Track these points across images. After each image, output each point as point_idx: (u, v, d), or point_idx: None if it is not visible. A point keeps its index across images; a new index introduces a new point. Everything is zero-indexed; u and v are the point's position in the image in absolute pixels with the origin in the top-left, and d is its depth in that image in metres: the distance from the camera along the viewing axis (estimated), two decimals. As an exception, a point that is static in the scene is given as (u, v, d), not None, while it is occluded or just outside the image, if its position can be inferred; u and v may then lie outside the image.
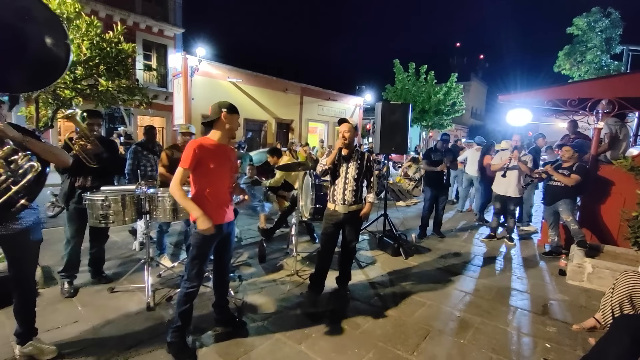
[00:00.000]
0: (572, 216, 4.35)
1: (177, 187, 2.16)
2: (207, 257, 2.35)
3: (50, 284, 3.23)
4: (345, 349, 2.44)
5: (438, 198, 5.43)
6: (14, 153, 1.88)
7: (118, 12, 13.90)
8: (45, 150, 2.03)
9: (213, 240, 2.33)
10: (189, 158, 2.16)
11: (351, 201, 3.06)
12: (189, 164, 2.16)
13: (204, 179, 2.25)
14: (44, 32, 1.95)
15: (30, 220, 2.10)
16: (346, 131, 3.03)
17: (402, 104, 5.01)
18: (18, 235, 2.03)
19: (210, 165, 2.23)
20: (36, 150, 1.97)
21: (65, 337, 2.44)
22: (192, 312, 2.36)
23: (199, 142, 2.22)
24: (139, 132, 14.45)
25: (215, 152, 2.28)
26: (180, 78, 12.81)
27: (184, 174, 2.18)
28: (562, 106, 5.17)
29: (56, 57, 1.98)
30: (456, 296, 3.38)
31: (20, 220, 2.02)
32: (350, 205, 3.06)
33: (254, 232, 5.34)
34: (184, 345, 2.31)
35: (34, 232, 2.12)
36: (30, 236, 2.10)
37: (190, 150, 2.17)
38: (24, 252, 2.12)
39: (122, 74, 6.64)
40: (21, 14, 1.87)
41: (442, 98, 17.47)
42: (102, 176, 3.21)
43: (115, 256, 4.11)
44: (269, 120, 16.25)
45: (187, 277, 2.29)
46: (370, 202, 3.13)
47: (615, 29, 14.48)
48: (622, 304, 2.55)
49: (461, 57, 44.77)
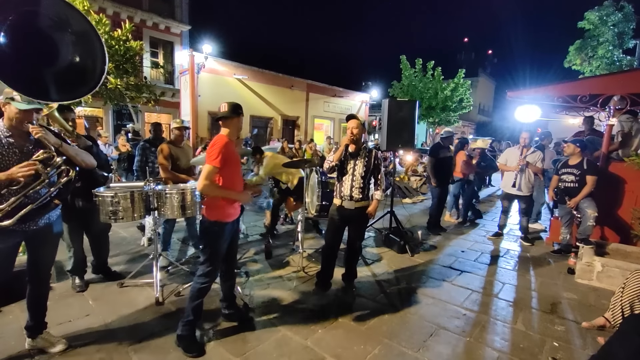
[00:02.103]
0: (596, 212, 4.21)
1: (210, 182, 2.19)
2: (222, 254, 2.41)
3: (62, 279, 3.30)
4: (351, 344, 2.46)
5: (445, 195, 5.42)
6: (52, 157, 2.02)
7: (125, 9, 13.98)
8: (76, 155, 2.20)
9: (228, 236, 2.40)
10: (218, 156, 2.19)
11: (358, 198, 3.04)
12: (219, 162, 2.19)
13: (227, 176, 2.31)
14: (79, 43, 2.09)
15: (55, 215, 2.22)
16: (354, 127, 2.99)
17: (409, 101, 4.98)
18: (44, 229, 2.13)
19: (231, 163, 2.31)
20: (69, 155, 2.13)
21: (77, 330, 2.50)
22: (202, 307, 2.40)
23: (225, 140, 2.26)
24: (146, 129, 14.59)
25: (233, 149, 2.36)
26: (187, 75, 12.87)
27: (214, 171, 2.20)
28: (572, 102, 5.09)
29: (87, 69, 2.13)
30: (462, 294, 3.37)
31: (47, 216, 2.12)
32: (357, 202, 3.05)
33: (260, 228, 5.37)
34: (194, 338, 2.35)
35: (56, 225, 2.24)
36: (54, 230, 2.21)
37: (219, 149, 2.20)
38: (47, 246, 2.22)
39: (130, 71, 6.71)
40: (59, 24, 2.00)
41: (450, 94, 17.29)
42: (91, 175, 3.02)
43: (124, 252, 4.18)
44: (275, 117, 16.27)
45: (202, 272, 2.34)
46: (377, 199, 3.11)
47: (628, 23, 14.16)
48: (632, 304, 2.52)
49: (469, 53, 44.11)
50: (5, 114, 1.95)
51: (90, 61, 2.16)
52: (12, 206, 1.89)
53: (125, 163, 7.48)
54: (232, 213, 2.37)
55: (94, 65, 2.18)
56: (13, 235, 2.01)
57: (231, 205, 2.37)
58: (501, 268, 4.15)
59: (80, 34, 2.11)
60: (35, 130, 1.95)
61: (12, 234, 1.98)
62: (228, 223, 2.37)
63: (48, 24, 1.98)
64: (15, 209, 1.90)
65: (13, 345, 2.29)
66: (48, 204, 2.08)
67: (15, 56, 1.87)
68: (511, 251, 4.80)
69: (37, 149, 2.00)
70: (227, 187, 2.31)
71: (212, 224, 2.30)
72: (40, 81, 1.99)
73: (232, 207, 2.38)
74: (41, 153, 1.98)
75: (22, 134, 1.99)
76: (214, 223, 2.31)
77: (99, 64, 2.19)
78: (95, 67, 2.19)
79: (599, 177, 4.27)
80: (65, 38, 2.05)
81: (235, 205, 2.43)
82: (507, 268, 4.15)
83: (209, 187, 2.20)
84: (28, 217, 1.97)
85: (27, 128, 1.96)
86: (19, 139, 1.98)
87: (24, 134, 1.99)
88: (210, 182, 2.19)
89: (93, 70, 2.18)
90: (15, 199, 1.90)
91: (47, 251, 2.24)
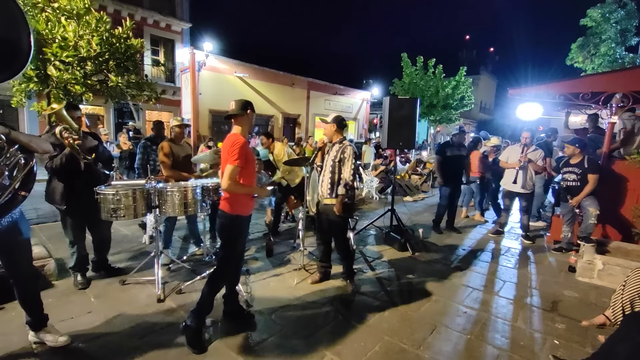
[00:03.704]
0: (598, 210, 4.21)
1: (235, 182, 2.29)
2: (242, 247, 2.52)
3: (64, 277, 3.31)
4: (351, 342, 2.46)
5: (454, 194, 5.41)
6: (2, 147, 1.88)
7: (126, 7, 13.97)
8: (29, 142, 2.03)
9: (246, 231, 2.51)
10: (239, 155, 2.26)
11: (326, 195, 3.17)
12: (240, 161, 2.27)
13: (247, 174, 2.40)
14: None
15: (18, 212, 2.09)
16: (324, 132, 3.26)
17: (410, 98, 4.97)
18: (11, 228, 2.03)
19: (250, 161, 2.41)
20: (21, 142, 1.97)
21: (80, 327, 2.51)
22: (213, 301, 2.45)
23: (242, 140, 2.34)
24: (147, 127, 14.60)
25: (248, 147, 2.42)
26: (188, 73, 12.85)
27: (237, 171, 2.28)
28: (574, 100, 5.07)
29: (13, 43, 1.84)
30: (463, 291, 3.37)
31: (10, 214, 2.01)
32: (326, 199, 3.17)
33: (261, 226, 5.38)
34: (199, 333, 2.38)
35: (22, 222, 2.13)
36: (20, 227, 2.11)
37: (239, 147, 2.27)
38: (18, 244, 2.12)
39: (131, 69, 6.70)
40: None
41: (451, 92, 17.21)
42: (95, 172, 3.11)
43: (125, 249, 4.19)
44: (276, 115, 16.25)
45: (223, 269, 2.42)
46: (339, 193, 3.10)
47: (630, 20, 14.04)
48: (633, 302, 2.51)
49: (470, 50, 43.90)
50: None
51: (15, 33, 1.86)
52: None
53: (126, 161, 7.50)
54: (251, 206, 2.54)
55: (17, 36, 1.88)
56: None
57: (251, 199, 2.51)
58: (502, 266, 4.15)
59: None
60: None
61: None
62: (248, 216, 2.51)
63: None
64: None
65: (16, 342, 2.30)
66: (14, 198, 1.95)
67: None
68: (512, 249, 4.80)
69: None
70: (247, 184, 2.42)
71: (235, 217, 2.40)
72: None
73: (251, 202, 2.52)
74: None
75: None
76: (237, 217, 2.41)
77: (24, 34, 1.89)
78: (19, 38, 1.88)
79: (600, 175, 4.26)
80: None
81: (251, 203, 2.52)
82: (508, 266, 4.16)
83: (233, 185, 2.29)
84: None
85: None
86: None
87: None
88: (233, 181, 2.29)
89: (18, 42, 1.87)
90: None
91: (19, 250, 2.14)
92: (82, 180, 2.97)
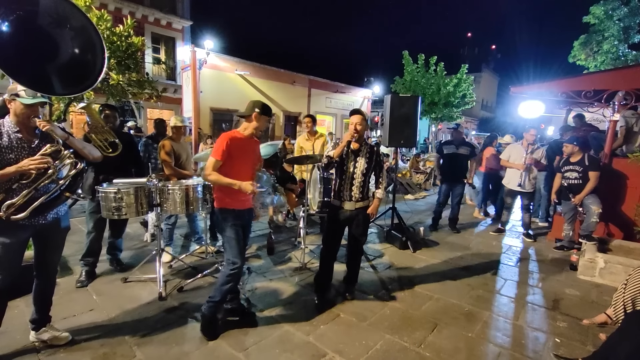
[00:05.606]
0: (600, 208, 4.19)
1: (211, 172, 2.38)
2: (241, 237, 2.52)
3: (66, 274, 3.33)
4: (352, 340, 2.47)
5: (452, 192, 5.40)
6: (59, 150, 2.07)
7: (127, 5, 13.93)
8: (83, 148, 2.24)
9: (235, 222, 2.49)
10: (221, 150, 2.36)
11: (358, 198, 2.89)
12: (221, 155, 2.37)
13: (231, 169, 2.43)
14: (78, 39, 2.19)
15: (64, 210, 2.25)
16: (358, 123, 2.81)
17: (412, 96, 4.96)
18: (53, 223, 2.17)
19: (237, 157, 2.45)
20: (76, 147, 2.17)
21: (82, 324, 2.52)
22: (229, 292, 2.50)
23: (230, 135, 2.43)
24: (148, 125, 14.60)
25: (242, 145, 2.49)
26: (189, 71, 12.83)
27: (216, 164, 2.38)
28: (576, 98, 5.05)
29: (88, 63, 2.24)
30: (464, 290, 3.37)
31: (55, 210, 2.16)
32: (357, 202, 2.90)
33: (262, 224, 5.39)
34: (213, 321, 2.47)
35: (64, 219, 2.28)
36: (61, 224, 2.25)
37: (223, 143, 2.37)
38: (55, 240, 2.26)
39: (132, 67, 6.67)
40: (58, 20, 2.11)
41: (452, 90, 17.14)
42: (122, 168, 3.28)
43: (127, 247, 4.19)
44: (277, 112, 16.21)
45: (230, 260, 2.45)
46: (378, 197, 2.98)
47: (634, 17, 13.92)
48: (634, 300, 2.51)
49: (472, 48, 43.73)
50: (12, 110, 2.00)
51: (90, 55, 2.26)
52: (25, 199, 1.93)
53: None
54: (242, 201, 2.53)
55: (94, 58, 2.28)
56: (23, 230, 2.04)
57: (234, 194, 2.47)
58: (503, 264, 4.14)
59: (79, 29, 2.20)
60: (42, 124, 1.99)
61: (23, 229, 2.03)
62: (233, 210, 2.50)
63: (48, 21, 2.07)
64: (27, 203, 1.94)
65: (19, 340, 2.31)
66: (58, 197, 2.11)
67: (19, 52, 1.96)
68: (513, 247, 4.80)
69: (44, 144, 2.04)
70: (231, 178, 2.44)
71: (219, 211, 2.51)
72: (44, 76, 2.07)
73: (235, 196, 2.49)
74: (49, 147, 2.02)
75: (29, 129, 2.03)
76: (220, 210, 2.51)
77: (99, 57, 2.29)
78: (95, 60, 2.28)
79: (601, 172, 4.25)
80: (65, 34, 2.14)
81: (240, 196, 2.50)
82: (509, 264, 4.15)
83: (208, 175, 2.40)
84: (38, 211, 2.00)
85: (34, 123, 1.99)
86: (27, 134, 2.02)
87: (31, 129, 2.04)
88: (208, 172, 2.39)
89: (94, 64, 2.28)
90: (27, 192, 1.94)
91: (55, 246, 2.28)
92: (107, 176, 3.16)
